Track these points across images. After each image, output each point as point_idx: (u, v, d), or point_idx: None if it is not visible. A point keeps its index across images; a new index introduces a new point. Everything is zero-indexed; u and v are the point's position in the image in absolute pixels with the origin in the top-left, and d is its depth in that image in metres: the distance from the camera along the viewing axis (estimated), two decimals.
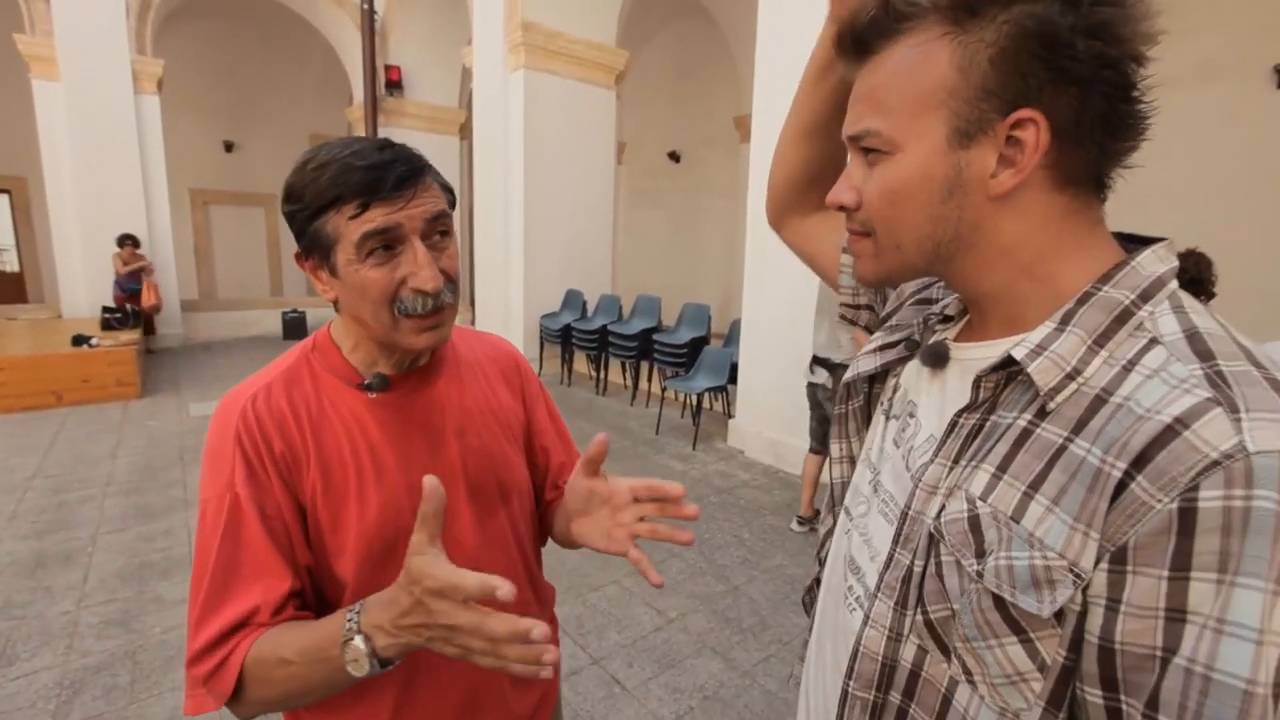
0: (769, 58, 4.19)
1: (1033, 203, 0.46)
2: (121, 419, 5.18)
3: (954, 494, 0.47)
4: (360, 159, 0.65)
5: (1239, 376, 0.38)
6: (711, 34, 9.08)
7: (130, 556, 2.93)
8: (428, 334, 0.70)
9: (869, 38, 0.47)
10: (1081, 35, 0.40)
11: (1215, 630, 0.34)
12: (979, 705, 0.45)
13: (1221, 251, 3.14)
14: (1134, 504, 0.37)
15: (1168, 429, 0.37)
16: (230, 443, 0.69)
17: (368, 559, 0.71)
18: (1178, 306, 0.44)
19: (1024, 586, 0.41)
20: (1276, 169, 5.36)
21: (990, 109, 0.43)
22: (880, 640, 0.51)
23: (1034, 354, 0.44)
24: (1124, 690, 0.38)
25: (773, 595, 2.71)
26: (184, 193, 11.47)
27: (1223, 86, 5.54)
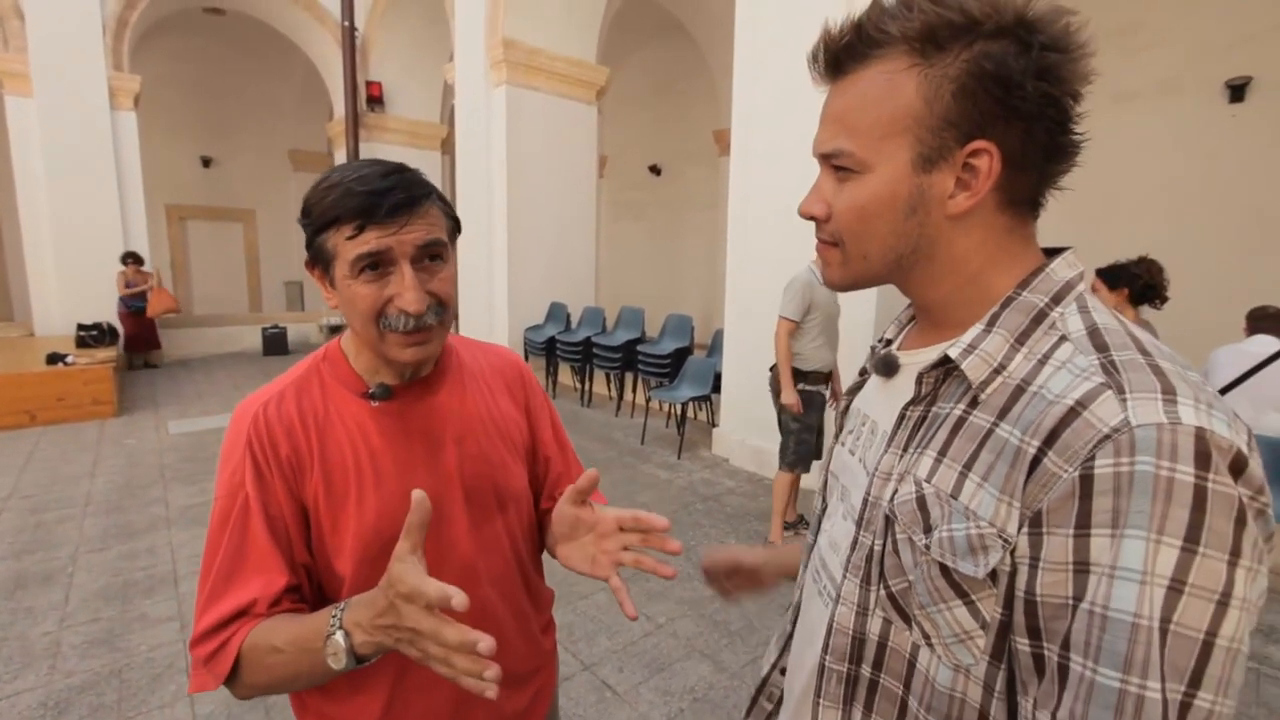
0: (746, 74, 4.31)
1: (981, 221, 0.52)
2: (98, 438, 5.09)
3: (904, 479, 0.53)
4: (362, 184, 0.69)
5: (1127, 364, 0.44)
6: (690, 51, 9.26)
7: (113, 575, 2.90)
8: (412, 349, 0.74)
9: (842, 59, 0.53)
10: (1031, 77, 0.46)
11: (1109, 576, 0.40)
12: (937, 664, 0.51)
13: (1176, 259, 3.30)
14: (1046, 475, 0.43)
15: (1070, 410, 0.43)
16: (242, 446, 0.74)
17: (365, 559, 0.75)
18: (1083, 307, 0.51)
19: (962, 553, 0.47)
20: (1229, 181, 5.61)
21: (950, 138, 0.49)
22: (850, 615, 0.57)
23: (966, 352, 0.51)
24: (1045, 637, 0.43)
25: (759, 599, 2.76)
26: (160, 208, 11.34)
27: (1180, 101, 5.80)
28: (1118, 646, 0.39)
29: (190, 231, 12.33)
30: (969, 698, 0.49)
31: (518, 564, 0.90)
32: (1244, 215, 5.53)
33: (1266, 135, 5.38)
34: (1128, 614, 0.39)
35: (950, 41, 0.48)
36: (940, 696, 0.50)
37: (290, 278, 13.47)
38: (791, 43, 3.99)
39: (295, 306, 13.08)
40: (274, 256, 13.27)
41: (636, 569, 0.75)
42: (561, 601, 2.67)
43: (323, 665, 0.63)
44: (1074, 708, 0.41)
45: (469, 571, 0.82)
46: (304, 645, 0.65)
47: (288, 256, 13.43)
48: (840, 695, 0.58)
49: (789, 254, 4.07)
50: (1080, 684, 0.41)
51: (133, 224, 7.81)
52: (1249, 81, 5.41)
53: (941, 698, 0.50)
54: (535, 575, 0.95)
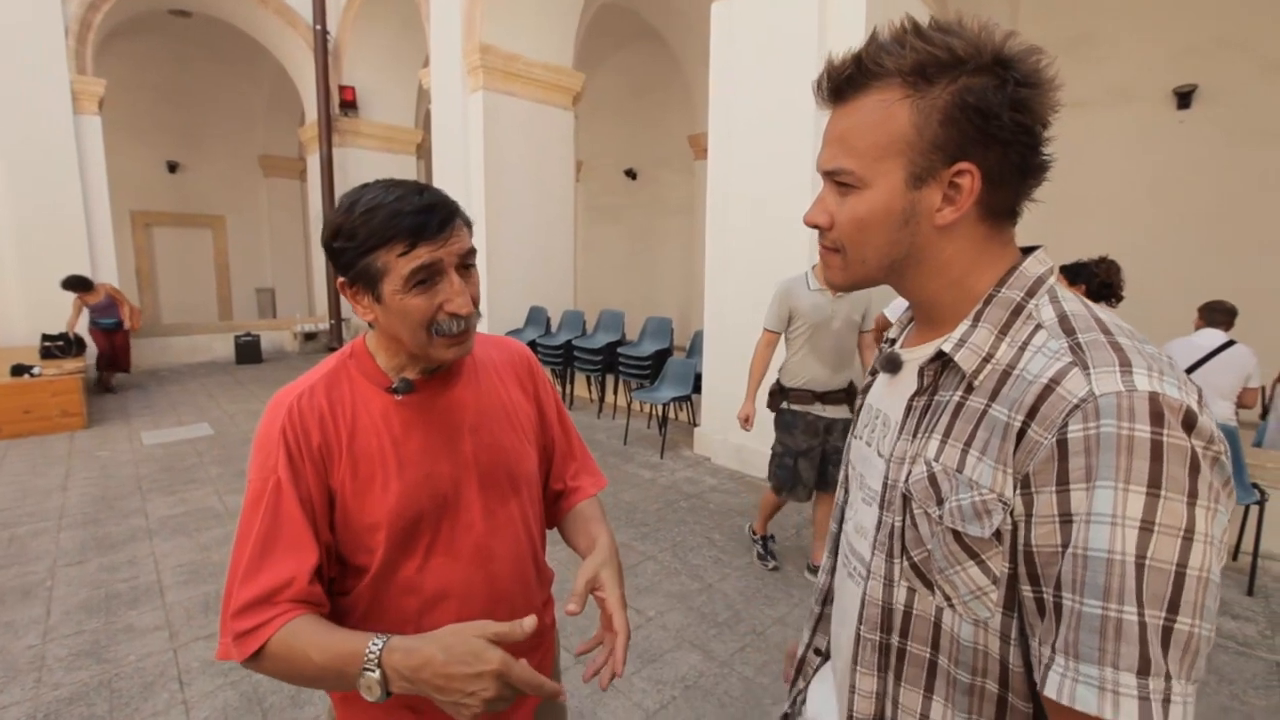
0: (721, 79, 4.42)
1: (964, 231, 0.60)
2: (69, 450, 4.98)
3: (916, 460, 0.61)
4: (407, 204, 0.77)
5: (1090, 343, 0.52)
6: (664, 56, 9.37)
7: (94, 588, 2.86)
8: (455, 349, 0.83)
9: (844, 88, 0.60)
10: (1007, 109, 0.54)
11: (1086, 522, 0.47)
12: (959, 622, 0.58)
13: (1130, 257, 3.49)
14: (1030, 444, 0.51)
15: (1046, 387, 0.51)
16: (277, 433, 0.80)
17: (391, 536, 0.83)
18: (1053, 298, 0.59)
19: (970, 519, 0.54)
20: (1178, 183, 5.90)
21: (938, 160, 0.56)
22: (879, 588, 0.64)
23: (958, 346, 0.59)
24: (1043, 582, 0.50)
25: (745, 590, 2.85)
26: (125, 215, 11.05)
27: (1132, 108, 6.08)
28: (1097, 580, 0.46)
29: (157, 238, 12.02)
30: (989, 649, 0.56)
31: (529, 542, 0.97)
32: (1192, 215, 5.82)
33: (1211, 140, 5.68)
34: (1103, 551, 0.46)
35: (938, 76, 0.55)
36: (965, 650, 0.58)
37: (262, 285, 13.22)
38: (765, 53, 4.11)
39: (267, 314, 12.84)
40: (245, 264, 13.01)
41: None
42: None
43: (348, 684, 0.69)
44: (1068, 636, 0.48)
45: (483, 551, 0.90)
46: (338, 667, 0.70)
47: (259, 263, 13.18)
48: (875, 663, 0.65)
49: (766, 258, 4.19)
50: (1071, 615, 0.48)
51: (98, 231, 7.61)
52: (1194, 89, 5.70)
53: (966, 651, 0.57)
54: (542, 554, 1.03)
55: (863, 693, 0.65)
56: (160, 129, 11.67)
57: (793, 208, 3.86)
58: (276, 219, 13.15)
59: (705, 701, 2.12)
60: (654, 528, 3.52)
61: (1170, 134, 5.87)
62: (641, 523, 3.59)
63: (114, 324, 6.91)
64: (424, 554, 0.86)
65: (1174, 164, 5.88)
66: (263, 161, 12.93)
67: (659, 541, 3.34)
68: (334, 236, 0.79)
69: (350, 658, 0.68)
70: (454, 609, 0.87)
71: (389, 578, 0.85)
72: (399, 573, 0.85)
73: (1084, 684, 0.46)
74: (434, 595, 0.86)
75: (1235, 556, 3.14)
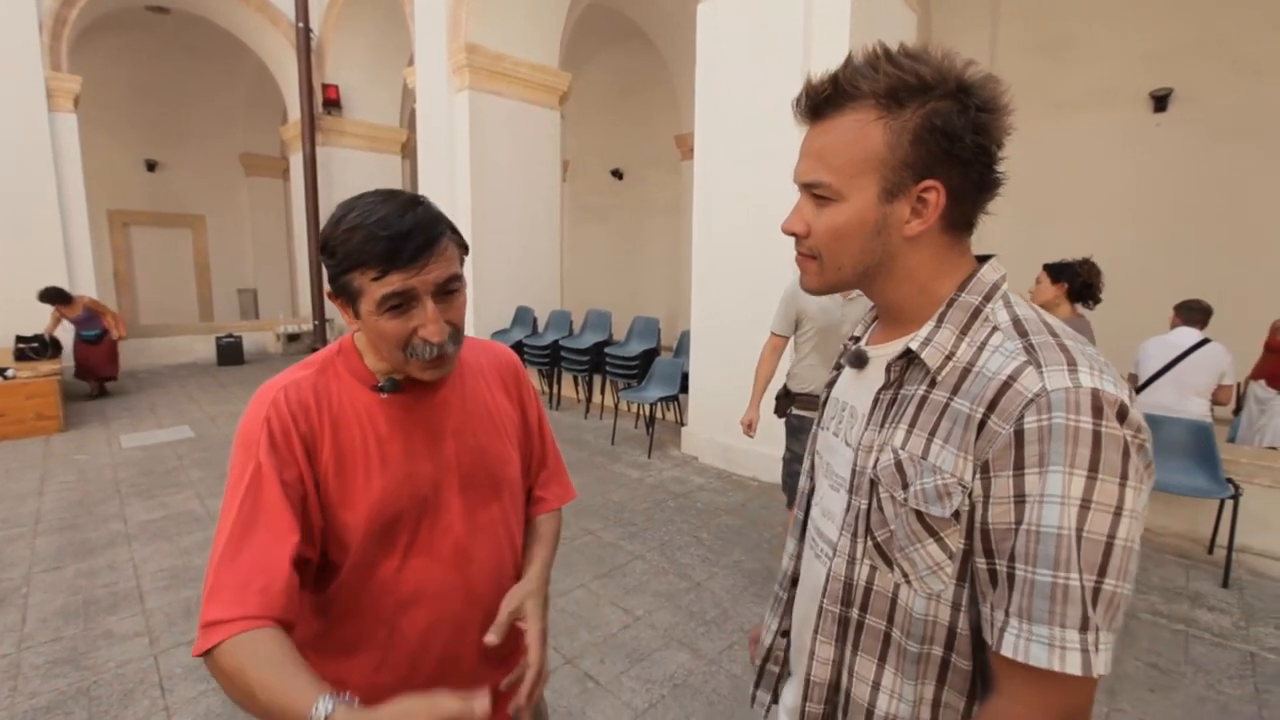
0: (707, 79, 4.43)
1: (929, 241, 0.65)
2: (44, 454, 4.87)
3: (884, 449, 0.66)
4: (384, 228, 0.74)
5: (1042, 345, 0.59)
6: (650, 56, 9.38)
7: (71, 594, 2.80)
8: (431, 371, 0.83)
9: (821, 106, 0.65)
10: (969, 132, 0.59)
11: (1038, 502, 0.54)
12: (914, 597, 0.64)
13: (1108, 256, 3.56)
14: (990, 433, 0.57)
15: (1005, 383, 0.57)
16: (260, 422, 0.79)
17: (369, 533, 0.82)
18: (1007, 303, 0.65)
19: (932, 500, 0.61)
20: (1155, 185, 6.02)
21: (908, 177, 0.62)
22: (843, 565, 0.70)
23: (923, 345, 0.65)
24: (997, 555, 0.57)
25: (732, 588, 2.86)
26: (102, 214, 10.84)
27: (1110, 111, 6.19)
28: (1048, 552, 0.53)
29: (135, 238, 11.80)
30: (939, 618, 0.63)
31: (510, 548, 0.97)
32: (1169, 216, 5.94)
33: (1186, 142, 5.80)
34: (1053, 528, 0.53)
35: (908, 100, 0.60)
36: (916, 623, 0.64)
37: (244, 285, 13.03)
38: (751, 53, 4.13)
39: (249, 315, 12.65)
40: (226, 264, 12.81)
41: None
42: None
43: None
44: (1021, 602, 0.55)
45: (462, 554, 0.90)
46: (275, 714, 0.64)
47: (240, 264, 12.99)
48: (834, 633, 0.71)
49: (753, 258, 4.21)
50: (1024, 584, 0.55)
51: (74, 231, 7.45)
52: (1170, 93, 5.82)
53: (917, 624, 0.64)
54: (522, 558, 1.02)
55: (820, 659, 0.72)
56: (138, 127, 11.46)
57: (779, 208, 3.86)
58: (258, 219, 12.96)
59: (694, 700, 2.12)
60: (642, 527, 3.52)
61: (1147, 136, 5.99)
62: (629, 522, 3.59)
63: (96, 335, 6.72)
64: (402, 554, 0.85)
65: (1151, 166, 6.00)
66: (244, 160, 12.75)
67: (647, 541, 3.35)
68: (322, 249, 0.80)
69: (294, 713, 0.62)
70: (429, 610, 0.87)
71: (366, 576, 0.84)
72: (376, 571, 0.85)
73: (1036, 642, 0.53)
74: (410, 595, 0.86)
75: (1211, 550, 3.21)
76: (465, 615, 0.90)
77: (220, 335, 9.09)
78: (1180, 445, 3.17)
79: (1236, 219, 5.60)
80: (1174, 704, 2.12)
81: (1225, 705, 2.11)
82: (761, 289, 4.18)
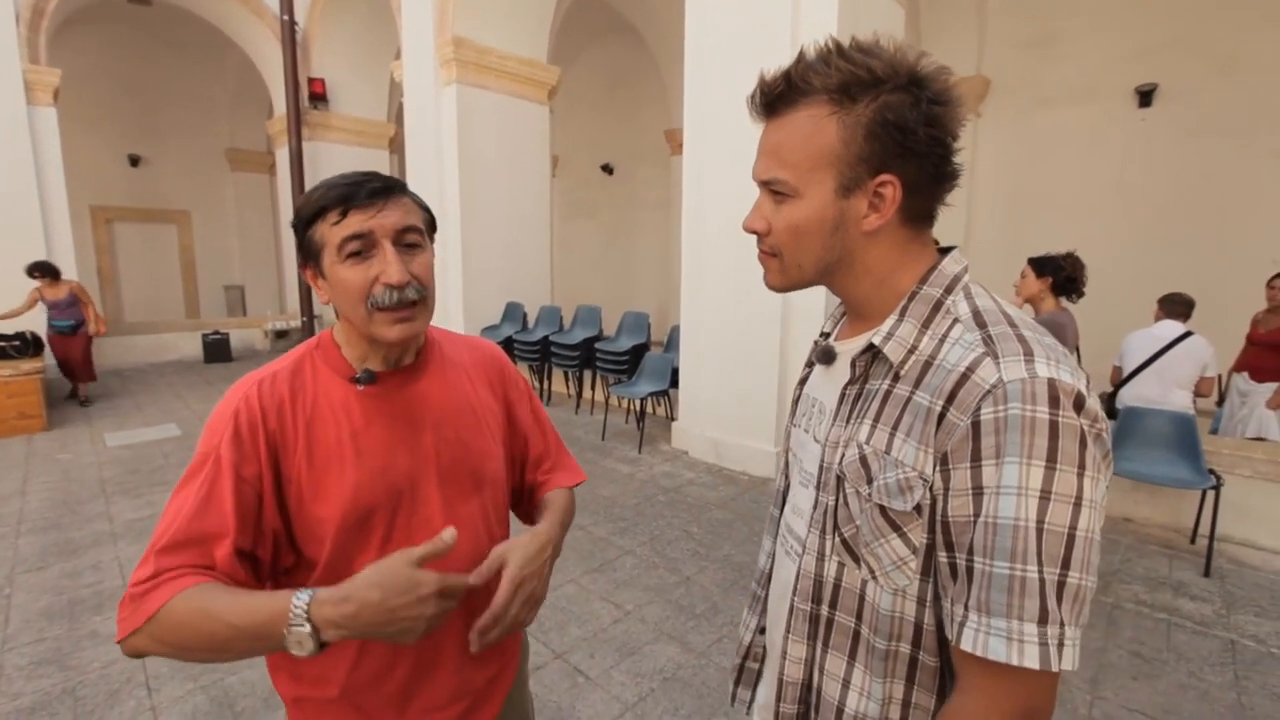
0: (697, 79, 4.42)
1: (888, 235, 0.65)
2: (27, 453, 4.81)
3: (849, 444, 0.66)
4: (343, 179, 0.78)
5: (1000, 336, 0.58)
6: (640, 50, 9.35)
7: (56, 594, 2.77)
8: (399, 326, 0.80)
9: (775, 103, 0.64)
10: (922, 124, 0.59)
11: (995, 494, 0.53)
12: (880, 593, 0.64)
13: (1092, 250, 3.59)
14: (949, 426, 0.57)
15: (963, 375, 0.57)
16: (228, 416, 0.79)
17: (343, 527, 0.81)
18: (968, 295, 0.65)
19: (894, 495, 0.60)
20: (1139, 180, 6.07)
21: (863, 171, 0.61)
22: (813, 562, 0.69)
23: (886, 339, 0.64)
24: (956, 549, 0.57)
25: (722, 582, 2.87)
26: (84, 210, 10.68)
27: (1095, 106, 6.23)
28: (1005, 544, 0.53)
29: (118, 234, 11.64)
30: (905, 614, 0.63)
31: (490, 543, 0.95)
32: (1153, 210, 6.00)
33: (1172, 137, 5.86)
34: (1009, 519, 0.53)
35: (861, 94, 0.60)
36: (883, 620, 0.64)
37: (231, 282, 12.89)
38: (741, 50, 4.12)
39: (236, 311, 12.52)
40: (212, 260, 12.67)
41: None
42: None
43: (270, 645, 0.66)
44: (979, 595, 0.54)
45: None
46: (258, 627, 0.66)
47: (227, 260, 12.85)
48: (805, 631, 0.71)
49: (742, 253, 4.21)
50: (983, 577, 0.54)
51: (55, 227, 7.34)
52: (1155, 88, 5.87)
53: (884, 620, 0.64)
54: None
55: (793, 658, 0.71)
56: (121, 121, 11.29)
57: None
58: (245, 214, 12.82)
59: (683, 693, 2.13)
60: (632, 522, 3.53)
61: (1132, 131, 6.04)
62: (620, 517, 3.60)
63: (70, 326, 6.33)
64: (378, 548, 0.84)
65: (1136, 160, 6.05)
66: (229, 155, 12.60)
67: (637, 535, 3.35)
68: (294, 219, 0.81)
69: (273, 616, 0.65)
70: None
71: (342, 571, 0.82)
72: (352, 566, 0.82)
73: (994, 636, 0.53)
74: None
75: (1193, 540, 3.26)
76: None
77: (207, 332, 8.99)
78: (1163, 437, 3.21)
79: (1219, 213, 5.67)
80: (1156, 691, 2.15)
81: (1206, 692, 2.15)
82: (751, 284, 4.19)
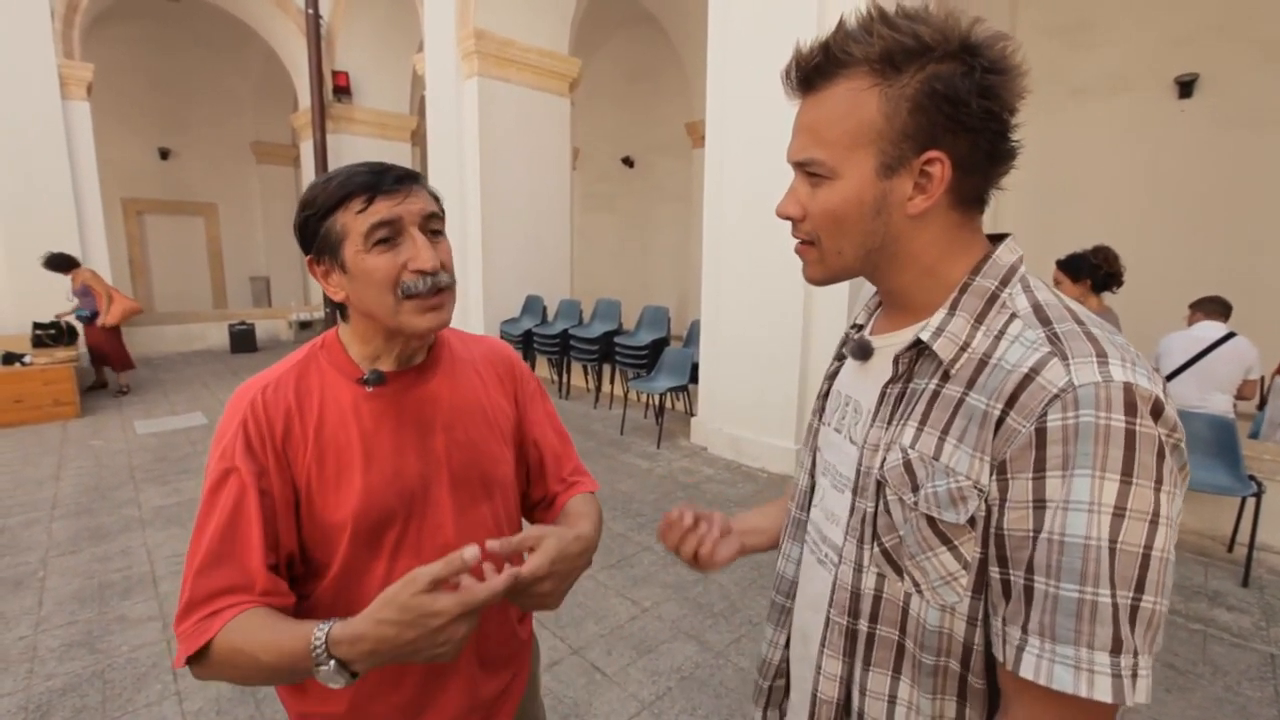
0: (720, 67, 4.36)
1: (936, 219, 0.59)
2: (61, 440, 4.94)
3: (891, 448, 0.60)
4: (364, 167, 0.77)
5: (1067, 334, 0.53)
6: (661, 42, 9.26)
7: (87, 578, 2.84)
8: (430, 315, 0.78)
9: (812, 77, 0.59)
10: (975, 95, 0.53)
11: (1063, 509, 0.48)
12: (926, 608, 0.58)
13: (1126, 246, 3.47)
14: (1009, 432, 0.51)
15: (1026, 377, 0.51)
16: (236, 424, 0.77)
17: (356, 534, 0.79)
18: (1026, 287, 0.59)
19: (945, 505, 0.55)
20: (1177, 172, 5.86)
21: (908, 149, 0.56)
22: (850, 572, 0.64)
23: (935, 335, 0.59)
24: (1011, 565, 0.51)
25: (741, 580, 2.84)
26: (116, 202, 10.93)
27: (1130, 97, 6.02)
28: (1074, 565, 0.48)
29: (149, 226, 11.91)
30: (954, 632, 0.57)
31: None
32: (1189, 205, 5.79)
33: (1212, 129, 5.64)
34: (1079, 537, 0.48)
35: (906, 64, 0.54)
36: (930, 635, 0.58)
37: (256, 273, 13.12)
38: (764, 36, 4.05)
39: (262, 302, 12.75)
40: (238, 251, 12.90)
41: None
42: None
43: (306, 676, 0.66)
44: (1042, 619, 0.49)
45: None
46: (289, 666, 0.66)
47: (253, 251, 13.08)
48: (841, 647, 0.65)
49: (764, 247, 4.15)
50: (1045, 599, 0.49)
51: (88, 219, 7.52)
52: (1196, 78, 5.65)
53: (931, 636, 0.58)
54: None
55: (828, 675, 0.66)
56: (150, 115, 11.52)
57: None
58: (270, 207, 13.02)
59: (701, 692, 2.11)
60: (650, 518, 3.51)
61: (1169, 123, 5.83)
62: (638, 513, 3.58)
63: (87, 316, 6.41)
64: (390, 554, 0.81)
65: (1173, 153, 5.84)
66: (255, 148, 12.79)
67: (655, 532, 3.34)
68: (300, 211, 0.78)
69: (297, 657, 0.64)
70: None
71: (354, 578, 0.81)
72: (364, 573, 0.81)
73: (1060, 664, 0.48)
74: None
75: (1231, 548, 3.15)
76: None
77: (233, 323, 9.17)
78: (1201, 441, 3.10)
79: (1262, 210, 5.45)
80: (1190, 705, 2.08)
81: (1244, 707, 2.07)
82: (773, 278, 4.13)
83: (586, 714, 2.01)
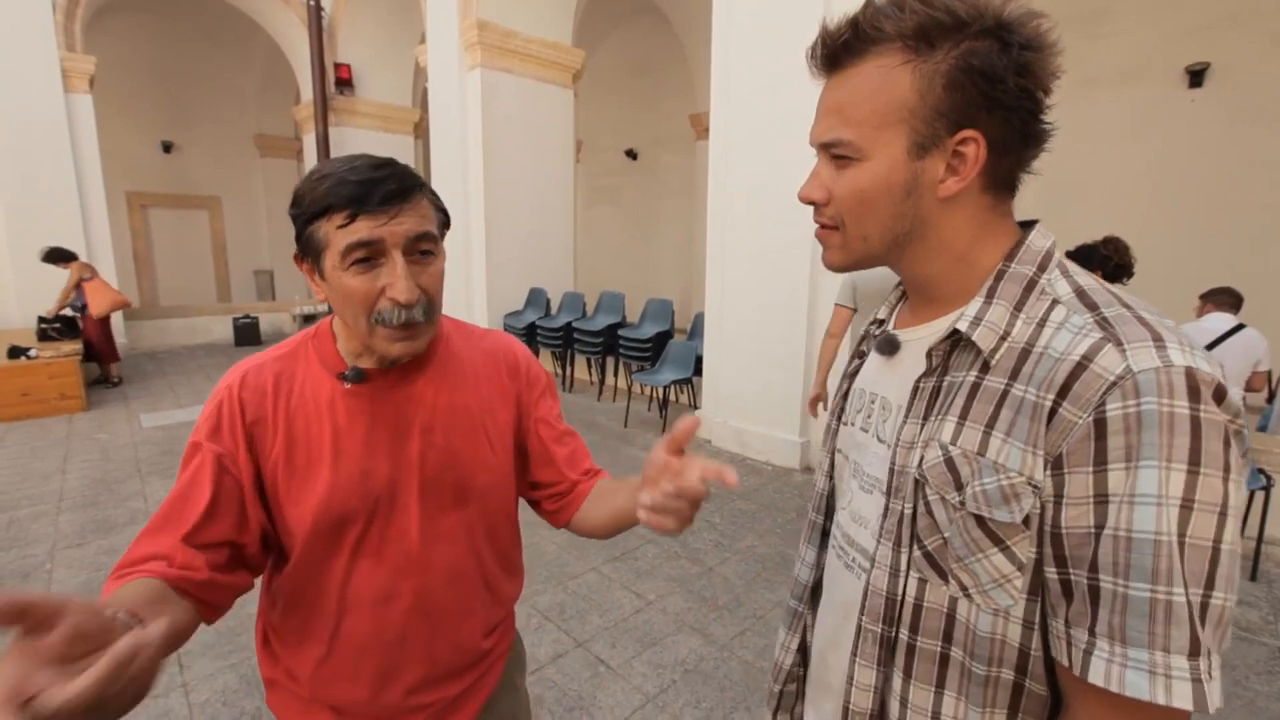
0: (725, 58, 4.32)
1: (968, 202, 0.57)
2: (67, 433, 4.96)
3: (929, 445, 0.57)
4: (354, 174, 0.70)
5: (1118, 318, 0.50)
6: (665, 33, 9.19)
7: (94, 571, 2.85)
8: (401, 344, 0.75)
9: (839, 54, 0.57)
10: (1011, 73, 0.51)
11: (1128, 503, 0.46)
12: (977, 613, 0.55)
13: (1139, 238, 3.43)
14: (1063, 423, 0.48)
15: (1078, 365, 0.49)
16: (214, 405, 0.79)
17: (315, 531, 0.78)
18: (1065, 272, 0.57)
19: (997, 504, 0.52)
20: (1186, 163, 5.80)
21: (942, 128, 0.54)
22: (884, 577, 0.60)
23: (974, 324, 0.56)
24: (1071, 564, 0.49)
25: (745, 573, 2.84)
26: (120, 196, 10.94)
27: (1141, 87, 5.95)
28: (1143, 562, 0.45)
29: (153, 220, 11.91)
30: (1008, 637, 0.54)
31: (476, 559, 0.88)
32: (1199, 196, 5.73)
33: (1222, 120, 5.57)
34: (1149, 533, 0.45)
35: (940, 40, 0.53)
36: (982, 642, 0.55)
37: (260, 266, 13.13)
38: (769, 27, 4.01)
39: (266, 296, 12.77)
40: (242, 245, 12.91)
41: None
42: (552, 583, 2.72)
43: None
44: (1111, 620, 0.46)
45: (416, 562, 0.83)
46: None
47: (256, 245, 13.08)
48: (875, 656, 0.62)
49: (768, 239, 4.13)
50: (1114, 600, 0.46)
51: (92, 212, 7.54)
52: (1207, 68, 5.58)
53: (983, 643, 0.55)
54: (499, 571, 0.93)
55: (861, 685, 0.63)
56: (153, 108, 11.50)
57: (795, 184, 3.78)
58: (273, 200, 13.02)
59: (705, 685, 2.11)
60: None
61: (1179, 113, 5.76)
62: None
63: (80, 306, 6.40)
64: (350, 554, 0.80)
65: (1182, 144, 5.77)
66: (258, 141, 12.77)
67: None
68: (291, 204, 0.76)
69: None
70: (371, 617, 0.81)
71: (312, 573, 0.80)
72: (322, 570, 0.80)
73: (1133, 669, 0.45)
74: (353, 598, 0.81)
75: None
76: (411, 628, 0.82)
77: (237, 316, 9.20)
78: None
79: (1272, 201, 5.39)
80: None
81: (1251, 701, 2.06)
82: (778, 270, 4.11)
83: (591, 707, 2.01)
